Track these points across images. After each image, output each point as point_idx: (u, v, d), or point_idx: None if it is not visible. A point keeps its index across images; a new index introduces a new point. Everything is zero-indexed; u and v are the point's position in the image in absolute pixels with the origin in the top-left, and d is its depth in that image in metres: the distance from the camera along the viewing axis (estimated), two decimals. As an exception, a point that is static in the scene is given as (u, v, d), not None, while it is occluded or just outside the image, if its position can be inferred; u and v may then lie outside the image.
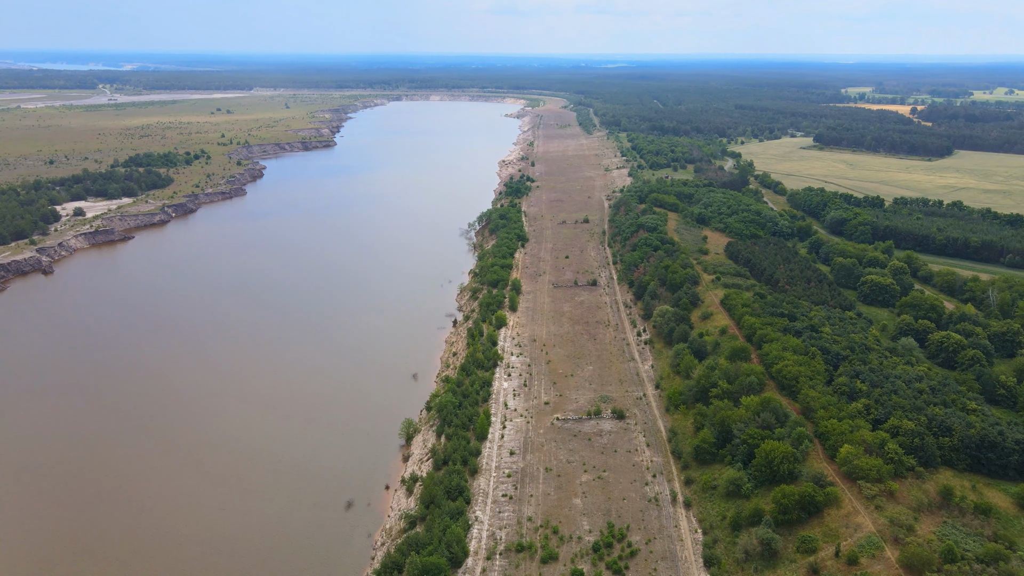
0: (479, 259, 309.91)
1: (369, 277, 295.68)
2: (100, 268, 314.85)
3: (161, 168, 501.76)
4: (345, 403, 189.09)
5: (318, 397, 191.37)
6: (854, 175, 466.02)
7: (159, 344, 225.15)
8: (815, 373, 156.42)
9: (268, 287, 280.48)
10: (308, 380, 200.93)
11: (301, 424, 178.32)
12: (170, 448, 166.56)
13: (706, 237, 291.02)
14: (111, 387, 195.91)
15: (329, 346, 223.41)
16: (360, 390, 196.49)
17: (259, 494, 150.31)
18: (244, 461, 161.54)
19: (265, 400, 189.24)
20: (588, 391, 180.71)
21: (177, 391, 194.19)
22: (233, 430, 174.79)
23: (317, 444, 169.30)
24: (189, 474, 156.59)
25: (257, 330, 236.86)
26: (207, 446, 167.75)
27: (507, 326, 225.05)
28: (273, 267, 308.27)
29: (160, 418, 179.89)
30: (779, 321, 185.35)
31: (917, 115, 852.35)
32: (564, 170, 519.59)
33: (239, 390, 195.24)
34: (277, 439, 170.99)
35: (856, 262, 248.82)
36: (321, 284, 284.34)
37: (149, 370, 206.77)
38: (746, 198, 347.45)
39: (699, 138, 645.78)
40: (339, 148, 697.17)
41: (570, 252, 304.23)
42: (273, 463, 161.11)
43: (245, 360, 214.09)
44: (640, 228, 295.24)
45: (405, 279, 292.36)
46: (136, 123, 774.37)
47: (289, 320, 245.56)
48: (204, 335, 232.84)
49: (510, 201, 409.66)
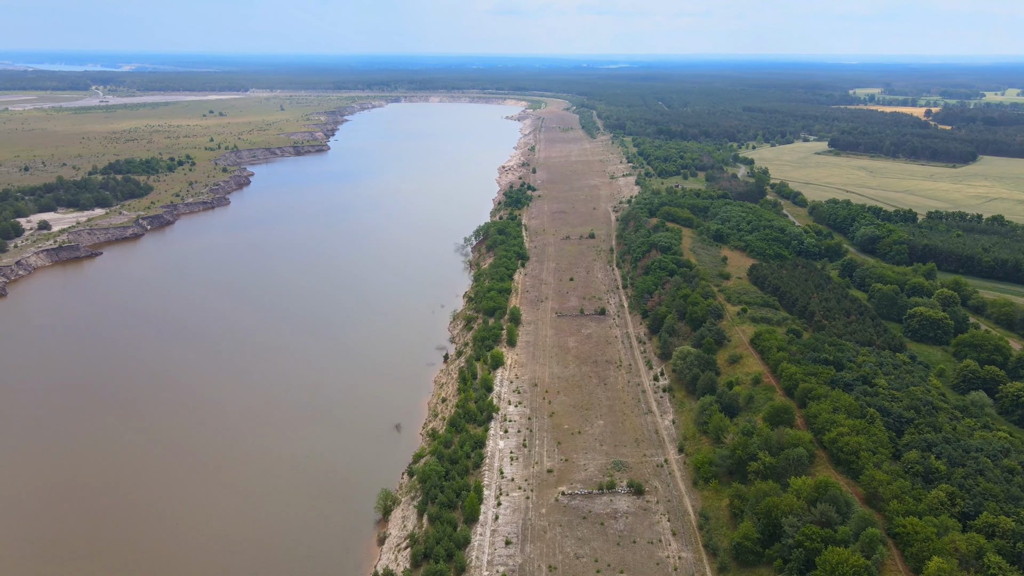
0: (475, 280, 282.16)
1: (352, 303, 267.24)
2: (60, 289, 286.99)
3: (141, 175, 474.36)
4: (315, 466, 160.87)
5: (284, 459, 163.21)
6: (876, 184, 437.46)
7: (112, 376, 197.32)
8: (878, 445, 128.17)
9: (238, 314, 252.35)
10: (273, 436, 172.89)
11: (260, 491, 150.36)
12: (99, 520, 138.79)
13: (726, 258, 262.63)
14: (51, 426, 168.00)
15: (301, 391, 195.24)
16: (334, 447, 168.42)
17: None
18: (189, 550, 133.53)
19: (217, 464, 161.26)
20: (599, 454, 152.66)
21: (114, 431, 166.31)
22: (179, 505, 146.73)
23: (281, 520, 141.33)
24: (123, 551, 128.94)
25: (214, 370, 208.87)
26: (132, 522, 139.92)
27: (504, 366, 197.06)
28: (247, 288, 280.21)
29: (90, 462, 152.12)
30: (824, 371, 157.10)
31: (932, 118, 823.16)
32: (567, 177, 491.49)
33: (190, 447, 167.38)
34: (231, 518, 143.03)
35: (898, 289, 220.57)
36: (298, 311, 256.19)
37: (94, 410, 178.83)
38: (766, 212, 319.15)
39: (708, 143, 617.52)
40: (332, 153, 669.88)
41: (575, 273, 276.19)
42: (227, 551, 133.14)
43: (196, 409, 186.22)
44: (652, 247, 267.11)
45: (393, 304, 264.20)
46: (124, 127, 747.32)
47: (258, 356, 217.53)
48: (158, 365, 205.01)
49: (510, 212, 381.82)
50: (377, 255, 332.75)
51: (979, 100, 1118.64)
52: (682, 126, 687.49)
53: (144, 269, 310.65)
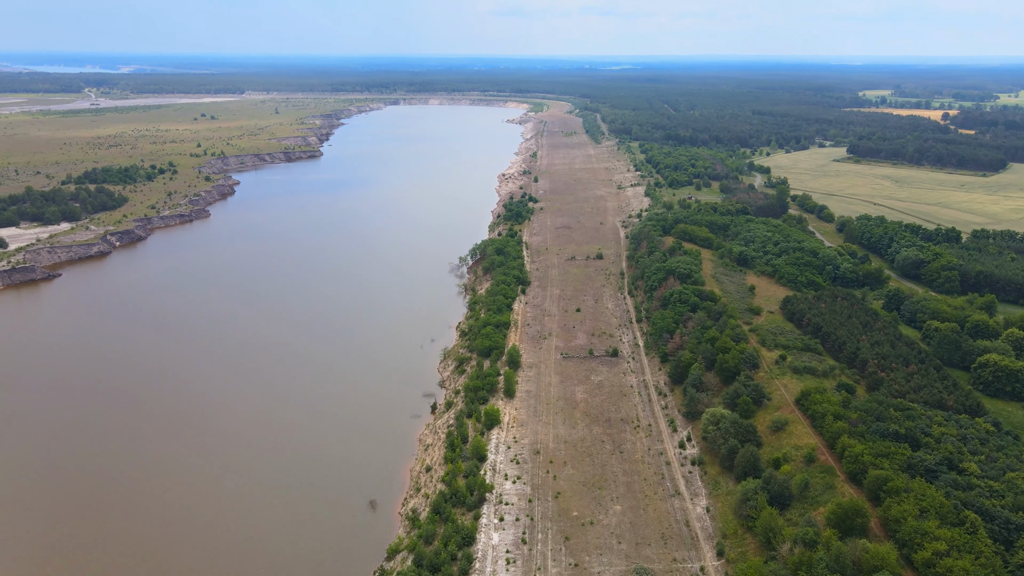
0: (470, 308, 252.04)
1: (330, 339, 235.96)
2: (10, 317, 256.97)
3: (117, 185, 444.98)
4: (274, 558, 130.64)
5: (234, 555, 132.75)
6: (904, 195, 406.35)
7: (60, 417, 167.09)
8: (989, 571, 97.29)
9: (194, 358, 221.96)
10: (222, 522, 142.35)
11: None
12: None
13: (754, 287, 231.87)
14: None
15: (261, 457, 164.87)
16: (295, 532, 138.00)
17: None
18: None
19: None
20: (616, 555, 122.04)
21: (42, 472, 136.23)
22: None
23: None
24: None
25: (150, 426, 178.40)
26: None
27: (500, 424, 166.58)
28: (210, 324, 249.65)
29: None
30: (897, 450, 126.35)
31: (950, 121, 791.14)
32: (571, 187, 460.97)
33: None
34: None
35: (957, 327, 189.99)
36: (268, 351, 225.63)
37: (30, 446, 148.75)
38: (793, 231, 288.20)
39: (719, 148, 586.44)
40: (325, 159, 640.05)
41: (582, 302, 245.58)
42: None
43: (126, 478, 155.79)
44: (669, 275, 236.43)
45: (376, 339, 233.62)
46: (109, 132, 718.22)
47: (210, 414, 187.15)
48: (103, 404, 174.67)
49: (509, 228, 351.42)
50: (362, 279, 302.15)
51: (994, 102, 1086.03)
52: (691, 131, 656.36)
53: (104, 293, 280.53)
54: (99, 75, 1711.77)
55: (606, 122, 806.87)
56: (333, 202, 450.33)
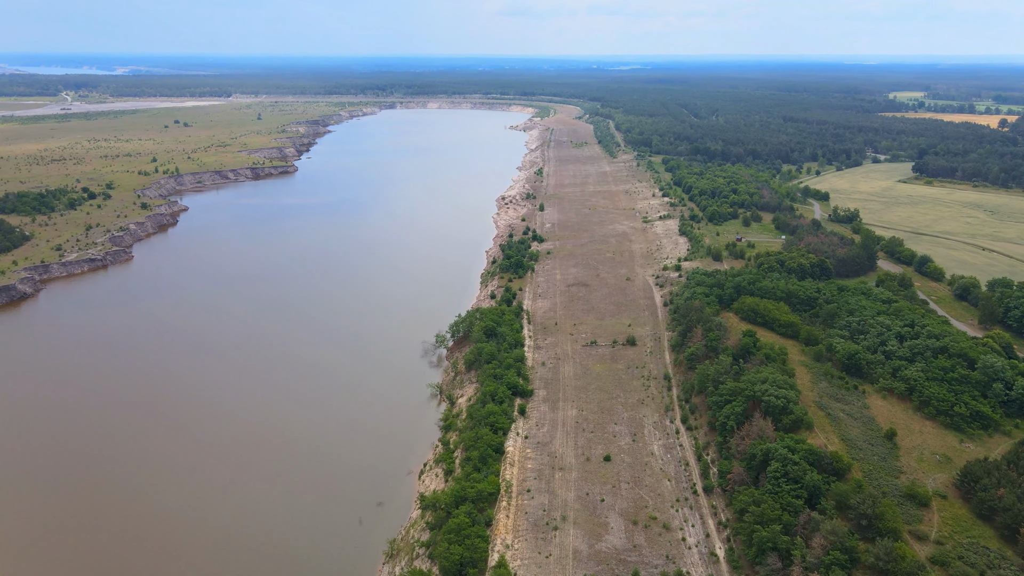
0: (441, 439, 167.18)
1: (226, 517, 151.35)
2: None
3: (27, 216, 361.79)
4: None
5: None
6: (1014, 234, 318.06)
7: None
8: None
9: (78, 458, 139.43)
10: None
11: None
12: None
13: (892, 433, 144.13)
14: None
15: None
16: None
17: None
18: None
19: None
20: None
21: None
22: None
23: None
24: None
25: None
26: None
27: None
28: (104, 418, 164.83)
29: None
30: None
31: (1009, 128, 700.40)
32: (585, 219, 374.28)
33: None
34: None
35: None
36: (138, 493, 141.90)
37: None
38: (919, 314, 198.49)
39: (758, 166, 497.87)
40: (299, 176, 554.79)
41: (611, 439, 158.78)
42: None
43: None
44: (750, 402, 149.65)
45: (299, 514, 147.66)
46: (60, 143, 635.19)
47: None
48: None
49: (506, 286, 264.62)
50: (300, 373, 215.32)
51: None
52: (722, 143, 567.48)
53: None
54: (82, 77, 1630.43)
55: (621, 131, 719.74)
56: (288, 239, 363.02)
